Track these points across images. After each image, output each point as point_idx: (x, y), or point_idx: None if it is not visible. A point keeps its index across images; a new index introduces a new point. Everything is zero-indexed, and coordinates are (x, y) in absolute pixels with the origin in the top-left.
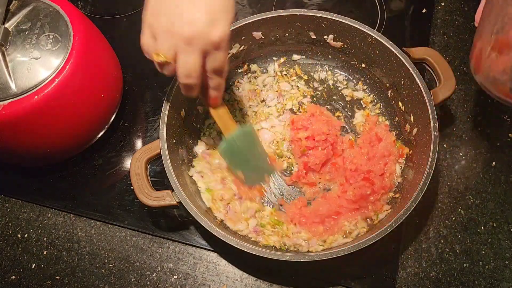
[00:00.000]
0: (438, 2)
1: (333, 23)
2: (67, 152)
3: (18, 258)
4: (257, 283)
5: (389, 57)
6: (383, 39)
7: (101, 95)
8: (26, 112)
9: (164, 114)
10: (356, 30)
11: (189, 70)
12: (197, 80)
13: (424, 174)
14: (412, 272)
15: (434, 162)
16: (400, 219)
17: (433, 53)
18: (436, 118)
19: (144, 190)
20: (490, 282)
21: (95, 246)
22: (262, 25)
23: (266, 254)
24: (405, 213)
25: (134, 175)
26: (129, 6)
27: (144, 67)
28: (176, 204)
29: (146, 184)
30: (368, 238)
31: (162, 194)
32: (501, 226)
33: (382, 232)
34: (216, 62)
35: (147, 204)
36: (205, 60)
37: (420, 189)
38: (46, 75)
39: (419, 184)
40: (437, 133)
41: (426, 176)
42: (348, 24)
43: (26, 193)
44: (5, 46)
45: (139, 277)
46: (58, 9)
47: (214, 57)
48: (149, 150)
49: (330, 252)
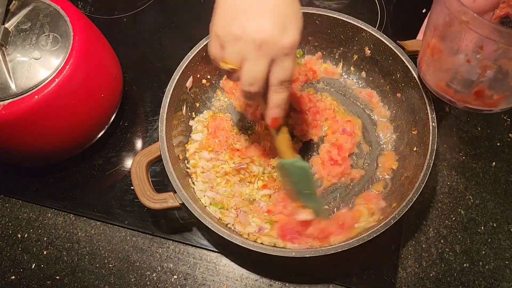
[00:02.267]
0: None
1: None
2: (67, 152)
3: (18, 258)
4: (257, 283)
5: (384, 50)
6: (377, 33)
7: (101, 95)
8: (26, 112)
9: (163, 116)
10: (349, 25)
11: (254, 77)
12: (260, 89)
13: (424, 165)
14: (412, 272)
15: (433, 152)
16: (403, 210)
17: None
18: (433, 109)
19: (146, 193)
20: (490, 282)
21: (95, 246)
22: None
23: (271, 251)
24: (408, 204)
25: (136, 179)
26: (129, 6)
27: (144, 67)
28: (179, 205)
29: (148, 187)
30: (372, 231)
31: (164, 196)
32: (501, 226)
33: (386, 224)
34: (283, 71)
35: (150, 207)
36: (271, 70)
37: (421, 180)
38: (46, 75)
39: (420, 175)
40: (435, 124)
41: (427, 167)
42: (342, 20)
43: (26, 193)
44: (5, 46)
45: (139, 277)
46: (58, 9)
47: (282, 65)
48: (150, 153)
49: (335, 247)
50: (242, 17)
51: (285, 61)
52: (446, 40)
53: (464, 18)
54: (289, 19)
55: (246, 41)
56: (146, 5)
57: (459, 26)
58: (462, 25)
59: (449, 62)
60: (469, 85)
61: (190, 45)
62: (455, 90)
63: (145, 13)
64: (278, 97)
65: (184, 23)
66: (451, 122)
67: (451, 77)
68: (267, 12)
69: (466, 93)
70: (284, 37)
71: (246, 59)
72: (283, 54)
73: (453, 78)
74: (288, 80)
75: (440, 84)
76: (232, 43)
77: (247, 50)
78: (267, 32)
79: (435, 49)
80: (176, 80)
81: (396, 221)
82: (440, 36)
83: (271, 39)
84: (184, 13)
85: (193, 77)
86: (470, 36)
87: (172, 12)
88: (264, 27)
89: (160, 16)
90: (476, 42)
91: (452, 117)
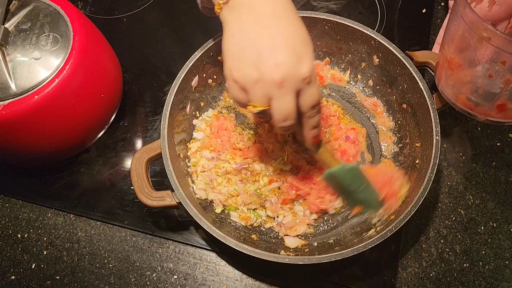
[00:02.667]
0: (438, 2)
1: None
2: (67, 152)
3: (18, 258)
4: (257, 283)
5: (392, 60)
6: (386, 42)
7: (101, 95)
8: (26, 112)
9: (166, 114)
10: (359, 33)
11: (286, 114)
12: (295, 121)
13: (425, 178)
14: (412, 272)
15: (435, 166)
16: (401, 223)
17: (437, 57)
18: (438, 123)
19: (145, 190)
20: (490, 282)
21: (95, 246)
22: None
23: (265, 256)
24: (405, 217)
25: (135, 175)
26: (129, 6)
27: (144, 67)
28: (176, 204)
29: (147, 184)
30: (368, 242)
31: (162, 194)
32: (501, 226)
33: (382, 236)
34: (311, 97)
35: (147, 204)
36: (299, 100)
37: (421, 193)
38: (46, 75)
39: (420, 189)
40: (439, 137)
41: (427, 181)
42: (351, 27)
43: (26, 193)
44: (5, 46)
45: (139, 277)
46: (58, 9)
47: (308, 93)
48: (150, 150)
49: (329, 256)
50: (255, 58)
51: (309, 88)
52: (465, 53)
53: (485, 34)
54: (301, 48)
55: (266, 81)
56: (146, 5)
57: (479, 41)
58: (482, 41)
59: (468, 75)
60: (491, 98)
61: (190, 45)
62: (475, 103)
63: (145, 13)
64: (313, 121)
65: (184, 23)
66: (451, 122)
67: (472, 90)
68: (277, 47)
69: (488, 106)
70: (301, 68)
71: (272, 98)
72: (305, 84)
73: (474, 91)
74: (317, 103)
75: (460, 98)
76: (253, 87)
77: (271, 90)
78: (284, 68)
79: (453, 62)
80: (181, 78)
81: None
82: (459, 49)
83: (289, 74)
84: (184, 13)
85: (199, 77)
86: (490, 50)
87: (172, 12)
88: (280, 63)
89: (160, 16)
90: (497, 57)
91: (452, 117)
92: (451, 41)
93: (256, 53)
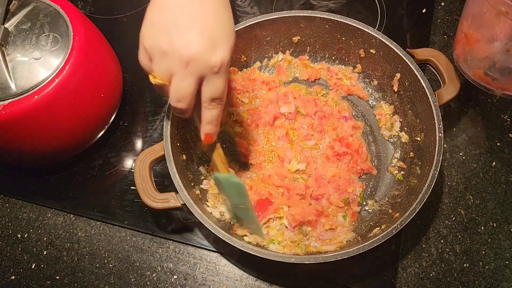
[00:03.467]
0: (438, 2)
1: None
2: (67, 152)
3: (18, 258)
4: (257, 283)
5: (393, 58)
6: (387, 40)
7: (101, 95)
8: (26, 112)
9: (169, 116)
10: (359, 31)
11: (181, 95)
12: (188, 106)
13: (429, 175)
14: (412, 272)
15: (439, 163)
16: (406, 221)
17: (438, 54)
18: (441, 120)
19: (149, 192)
20: (490, 282)
21: (95, 246)
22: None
23: (271, 256)
24: (410, 215)
25: (138, 177)
26: (129, 6)
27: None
28: (180, 206)
29: (151, 186)
30: (371, 242)
31: (166, 196)
32: (501, 226)
33: (386, 235)
34: (213, 89)
35: (152, 206)
36: (201, 87)
37: (425, 191)
38: (46, 75)
39: (424, 186)
40: (441, 134)
41: (431, 177)
42: (352, 25)
43: (26, 193)
44: (5, 46)
45: (139, 277)
46: (58, 9)
47: (212, 82)
48: (153, 152)
49: (330, 256)
50: (170, 30)
51: (215, 79)
52: (483, 28)
53: (503, 9)
54: (221, 37)
55: (173, 56)
56: (146, 5)
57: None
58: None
59: (486, 50)
60: (508, 73)
61: None
62: (493, 78)
63: None
64: (210, 114)
65: None
66: (451, 122)
67: (489, 65)
68: (195, 26)
69: (505, 80)
70: (213, 55)
71: (174, 74)
72: (212, 73)
73: (491, 66)
74: (219, 98)
75: (478, 73)
76: (159, 58)
77: (175, 66)
78: (195, 48)
79: (471, 38)
80: None
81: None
82: (477, 25)
83: (199, 56)
84: None
85: None
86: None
87: None
88: (192, 43)
89: None
90: None
91: (452, 117)
92: (470, 16)
93: (174, 26)
